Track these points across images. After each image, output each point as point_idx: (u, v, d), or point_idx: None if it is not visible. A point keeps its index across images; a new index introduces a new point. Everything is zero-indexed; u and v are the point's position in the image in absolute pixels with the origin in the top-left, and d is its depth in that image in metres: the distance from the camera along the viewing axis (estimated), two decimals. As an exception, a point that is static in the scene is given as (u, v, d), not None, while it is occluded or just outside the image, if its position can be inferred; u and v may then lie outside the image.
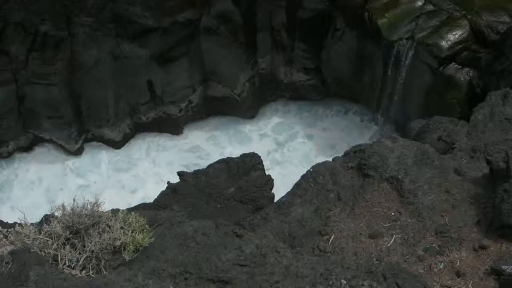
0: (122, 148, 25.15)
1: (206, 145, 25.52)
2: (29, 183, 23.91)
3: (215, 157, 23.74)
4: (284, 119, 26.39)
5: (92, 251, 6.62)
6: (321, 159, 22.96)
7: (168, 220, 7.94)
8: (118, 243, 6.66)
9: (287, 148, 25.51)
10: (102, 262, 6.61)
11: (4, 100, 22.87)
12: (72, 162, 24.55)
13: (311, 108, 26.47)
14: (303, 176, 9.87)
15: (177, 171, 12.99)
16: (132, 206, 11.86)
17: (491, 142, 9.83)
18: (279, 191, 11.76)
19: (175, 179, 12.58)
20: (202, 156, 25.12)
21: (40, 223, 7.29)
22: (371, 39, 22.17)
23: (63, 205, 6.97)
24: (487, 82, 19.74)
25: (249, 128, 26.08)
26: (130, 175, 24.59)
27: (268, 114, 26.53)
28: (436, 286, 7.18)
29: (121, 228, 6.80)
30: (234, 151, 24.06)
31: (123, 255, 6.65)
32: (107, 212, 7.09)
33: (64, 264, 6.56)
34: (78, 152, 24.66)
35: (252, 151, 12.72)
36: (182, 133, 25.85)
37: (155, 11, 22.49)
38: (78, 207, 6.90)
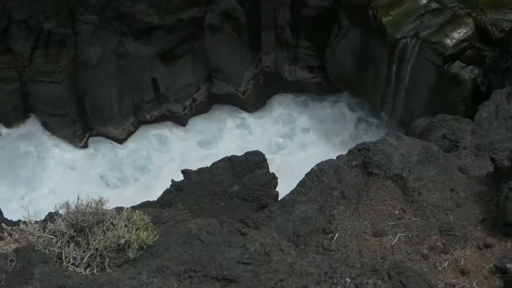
0: (126, 142, 25.20)
1: (206, 138, 25.63)
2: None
3: (213, 150, 23.99)
4: (283, 113, 26.50)
5: (97, 249, 6.63)
6: (316, 152, 23.35)
7: (173, 218, 7.94)
8: (122, 241, 6.67)
9: (285, 141, 25.67)
10: (107, 260, 6.61)
11: (8, 97, 22.93)
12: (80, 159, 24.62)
13: (308, 103, 26.61)
14: (307, 174, 9.85)
15: (181, 169, 12.99)
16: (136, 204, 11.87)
17: (495, 140, 9.83)
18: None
19: (179, 177, 12.57)
20: (200, 148, 25.23)
21: (44, 221, 7.30)
22: (375, 37, 22.15)
23: (67, 203, 6.97)
24: (492, 80, 19.69)
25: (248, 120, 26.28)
26: (133, 171, 24.63)
27: (268, 108, 26.70)
28: (440, 285, 7.17)
29: (126, 226, 6.80)
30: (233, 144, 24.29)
31: (128, 253, 6.65)
32: (111, 210, 7.10)
33: (69, 262, 6.57)
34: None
35: (255, 149, 12.72)
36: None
37: (159, 9, 22.52)
38: (82, 205, 6.91)
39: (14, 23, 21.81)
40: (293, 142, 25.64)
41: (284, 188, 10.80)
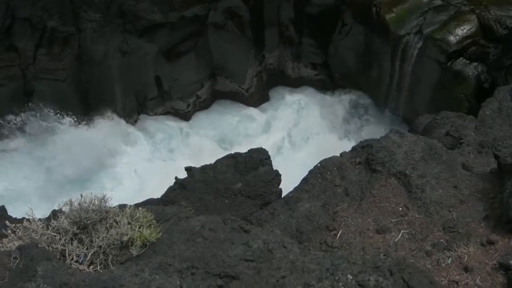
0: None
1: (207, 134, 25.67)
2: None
3: (211, 146, 23.98)
4: (287, 107, 26.57)
5: (100, 247, 6.64)
6: (319, 147, 23.41)
7: (176, 215, 7.94)
8: (125, 238, 6.68)
9: (291, 135, 25.79)
10: (110, 257, 6.62)
11: (12, 95, 22.94)
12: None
13: (311, 99, 26.70)
14: (310, 171, 9.86)
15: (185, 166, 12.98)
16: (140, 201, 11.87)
17: (499, 137, 9.80)
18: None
19: (182, 173, 12.57)
20: (200, 144, 25.24)
21: (48, 219, 7.31)
22: (378, 34, 22.12)
23: (70, 201, 6.98)
24: (495, 77, 19.66)
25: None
26: (137, 167, 24.62)
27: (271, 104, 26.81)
28: (443, 281, 7.16)
29: (129, 223, 6.81)
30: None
31: (131, 251, 6.66)
32: (114, 207, 7.11)
33: (72, 259, 6.58)
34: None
35: (259, 146, 12.73)
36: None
37: (162, 7, 22.52)
38: (85, 202, 6.92)
39: (17, 21, 21.81)
40: (297, 137, 25.69)
41: (286, 186, 10.82)
